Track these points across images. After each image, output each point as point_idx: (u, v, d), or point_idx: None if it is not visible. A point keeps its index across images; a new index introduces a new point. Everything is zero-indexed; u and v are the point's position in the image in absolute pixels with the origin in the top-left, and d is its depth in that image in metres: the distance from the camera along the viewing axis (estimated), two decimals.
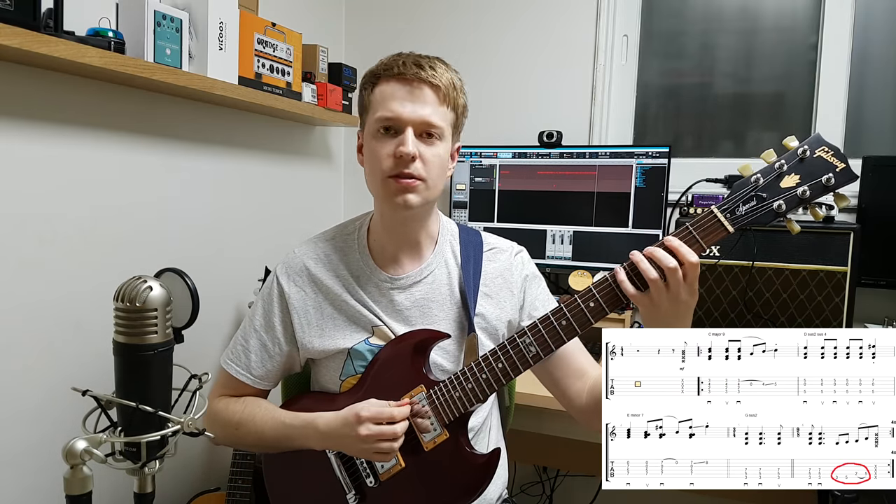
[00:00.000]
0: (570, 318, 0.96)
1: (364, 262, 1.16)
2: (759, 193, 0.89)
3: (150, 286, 0.75)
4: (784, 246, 1.71)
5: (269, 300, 1.17)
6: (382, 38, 2.36)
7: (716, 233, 0.89)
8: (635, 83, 2.14)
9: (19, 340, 1.26)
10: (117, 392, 0.76)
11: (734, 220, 0.89)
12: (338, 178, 2.41)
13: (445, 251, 1.18)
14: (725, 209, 0.90)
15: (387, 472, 1.07)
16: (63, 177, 1.33)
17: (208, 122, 1.72)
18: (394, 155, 1.04)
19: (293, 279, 1.16)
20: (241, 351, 1.16)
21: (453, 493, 1.07)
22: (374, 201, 1.16)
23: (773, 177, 0.88)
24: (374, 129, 1.07)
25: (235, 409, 1.14)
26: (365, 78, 1.11)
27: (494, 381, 1.02)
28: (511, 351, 1.01)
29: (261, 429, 1.11)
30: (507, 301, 1.18)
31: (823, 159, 0.88)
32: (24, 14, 1.07)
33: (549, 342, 0.98)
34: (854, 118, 1.92)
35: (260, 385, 1.17)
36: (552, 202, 1.99)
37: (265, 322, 1.17)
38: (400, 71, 1.05)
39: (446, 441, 1.05)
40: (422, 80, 1.04)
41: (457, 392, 1.03)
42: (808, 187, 0.87)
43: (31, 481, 1.29)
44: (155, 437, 0.75)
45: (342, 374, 1.14)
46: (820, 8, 1.92)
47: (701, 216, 0.90)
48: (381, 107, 1.06)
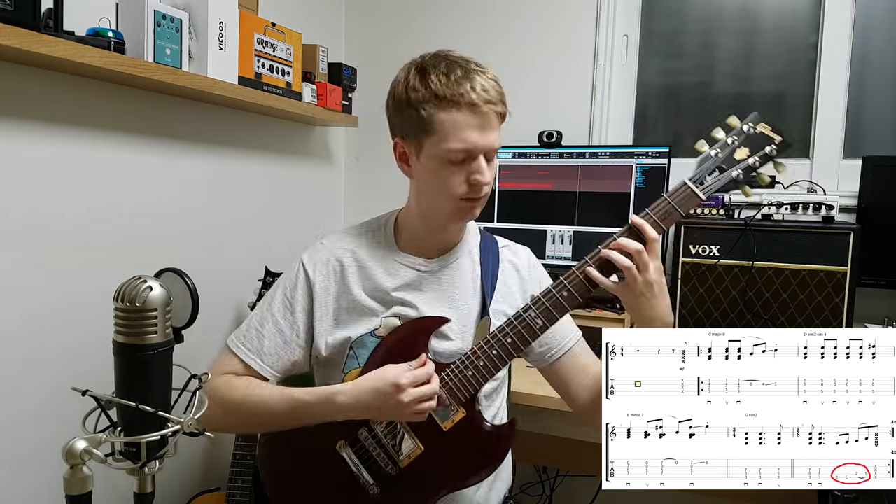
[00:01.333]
0: (570, 288, 1.06)
1: (392, 253, 1.18)
2: (720, 165, 1.05)
3: (150, 286, 0.75)
4: (784, 246, 1.71)
5: (294, 287, 1.17)
6: (382, 38, 2.36)
7: (691, 201, 1.04)
8: (635, 83, 2.14)
9: (19, 340, 1.26)
10: (117, 392, 0.76)
11: (704, 188, 1.04)
12: (338, 178, 2.41)
13: (470, 242, 1.23)
14: (695, 180, 1.05)
15: (407, 457, 1.09)
16: (63, 177, 1.33)
17: (208, 122, 1.72)
18: (468, 181, 1.06)
19: (320, 269, 1.17)
20: (255, 335, 1.15)
21: (476, 466, 1.11)
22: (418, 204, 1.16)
23: (728, 151, 1.05)
24: (445, 157, 1.05)
25: (238, 384, 1.12)
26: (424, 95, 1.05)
27: (505, 355, 1.08)
28: (518, 325, 1.07)
29: (268, 403, 1.09)
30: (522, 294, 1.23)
31: (764, 133, 1.04)
32: (24, 14, 1.07)
33: (552, 312, 1.06)
34: (854, 118, 1.92)
35: (266, 373, 1.15)
36: (552, 202, 1.99)
37: (285, 308, 1.16)
38: (472, 100, 1.03)
39: (464, 419, 1.09)
40: (493, 111, 1.06)
41: (469, 370, 1.08)
42: (757, 157, 1.04)
43: (31, 481, 1.29)
44: (155, 437, 0.75)
45: (345, 368, 1.15)
46: (820, 8, 1.92)
47: (675, 188, 1.05)
48: (453, 137, 1.03)
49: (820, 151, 1.93)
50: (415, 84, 1.06)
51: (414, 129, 1.07)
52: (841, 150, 1.91)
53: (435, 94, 1.03)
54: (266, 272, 1.74)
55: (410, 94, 1.06)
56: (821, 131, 1.93)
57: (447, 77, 1.04)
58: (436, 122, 1.04)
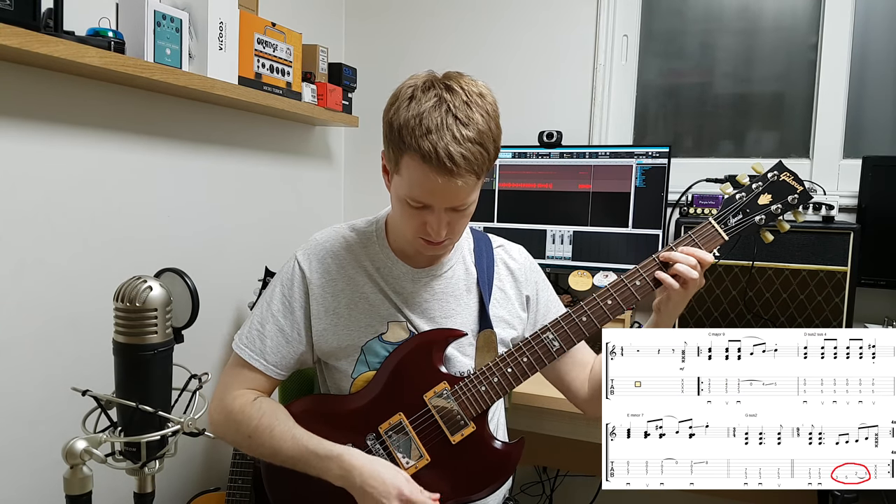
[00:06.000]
0: (590, 314, 1.09)
1: (385, 255, 1.16)
2: (744, 209, 1.10)
3: (150, 286, 0.75)
4: (784, 246, 1.71)
5: (290, 284, 1.16)
6: (382, 38, 2.36)
7: (714, 241, 1.09)
8: (635, 83, 2.14)
9: (19, 340, 1.26)
10: (117, 392, 0.76)
11: (727, 230, 1.10)
12: (338, 178, 2.41)
13: (463, 249, 1.21)
14: (720, 220, 1.10)
15: (413, 467, 1.09)
16: (63, 177, 1.33)
17: (208, 122, 1.72)
18: (422, 225, 1.03)
19: (314, 265, 1.16)
20: (257, 336, 1.14)
21: (483, 480, 1.11)
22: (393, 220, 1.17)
23: (752, 196, 1.11)
24: (402, 197, 1.02)
25: (252, 414, 1.10)
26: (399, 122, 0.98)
27: (520, 374, 1.10)
28: (535, 346, 1.10)
29: (278, 445, 1.08)
30: (518, 297, 1.22)
31: (787, 182, 1.10)
32: (24, 14, 1.07)
33: (571, 336, 1.10)
34: (854, 118, 1.92)
35: (272, 373, 1.14)
36: (552, 202, 1.99)
37: (284, 307, 1.15)
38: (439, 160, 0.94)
39: (473, 433, 1.09)
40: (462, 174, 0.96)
41: (483, 386, 1.09)
42: (779, 205, 1.09)
43: (31, 481, 1.29)
44: (155, 437, 0.75)
45: (354, 373, 1.14)
46: (820, 8, 1.92)
47: (700, 227, 1.10)
48: (408, 186, 1.00)
49: (820, 151, 1.93)
50: (400, 109, 0.99)
51: (390, 152, 1.03)
52: (841, 150, 1.91)
53: (407, 134, 0.97)
54: (266, 272, 1.74)
55: (394, 117, 1.00)
56: (821, 131, 1.93)
57: (419, 122, 0.96)
58: (402, 162, 1.00)
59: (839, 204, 1.71)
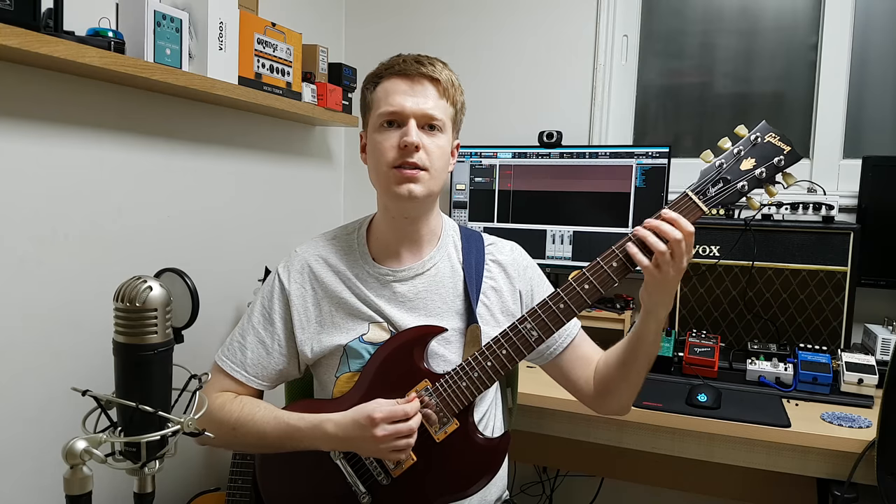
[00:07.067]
0: (567, 300, 1.03)
1: (363, 259, 1.18)
2: (724, 176, 1.00)
3: (150, 286, 0.75)
4: (784, 246, 1.71)
5: (270, 297, 1.18)
6: (382, 38, 2.36)
7: (692, 213, 0.99)
8: (635, 83, 2.14)
9: (19, 340, 1.26)
10: (117, 392, 0.76)
11: (706, 200, 0.99)
12: (338, 178, 2.41)
13: (448, 246, 1.21)
14: (698, 191, 1.00)
15: (399, 468, 1.08)
16: (63, 176, 1.33)
17: (208, 122, 1.72)
18: (398, 146, 1.07)
19: (294, 277, 1.18)
20: (238, 347, 1.17)
21: (469, 478, 1.09)
22: (378, 197, 1.18)
23: (733, 161, 1.00)
24: (378, 124, 1.11)
25: (232, 408, 1.13)
26: (367, 79, 1.16)
27: (500, 367, 1.06)
28: (514, 337, 1.05)
29: (261, 428, 1.10)
30: (511, 293, 1.21)
31: (772, 143, 0.99)
32: (24, 14, 1.07)
33: (549, 325, 1.04)
34: (854, 118, 1.92)
35: (254, 384, 1.16)
36: (552, 202, 1.99)
37: (264, 319, 1.17)
38: (401, 68, 1.10)
39: (457, 430, 1.08)
40: (423, 74, 1.09)
41: (463, 382, 1.07)
42: (763, 168, 0.99)
43: (31, 481, 1.29)
44: (155, 437, 0.75)
45: (337, 372, 1.15)
46: (820, 8, 1.92)
47: (677, 199, 1.00)
48: (383, 102, 1.10)
49: (820, 151, 1.93)
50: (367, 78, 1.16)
51: (363, 113, 1.17)
52: (841, 150, 1.91)
53: (375, 73, 1.14)
54: (266, 272, 1.74)
55: (364, 86, 1.16)
56: (821, 131, 1.93)
57: (389, 59, 1.13)
58: (372, 97, 1.13)
59: (839, 204, 1.71)
